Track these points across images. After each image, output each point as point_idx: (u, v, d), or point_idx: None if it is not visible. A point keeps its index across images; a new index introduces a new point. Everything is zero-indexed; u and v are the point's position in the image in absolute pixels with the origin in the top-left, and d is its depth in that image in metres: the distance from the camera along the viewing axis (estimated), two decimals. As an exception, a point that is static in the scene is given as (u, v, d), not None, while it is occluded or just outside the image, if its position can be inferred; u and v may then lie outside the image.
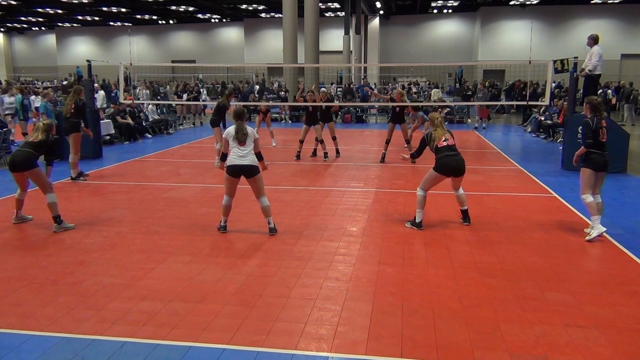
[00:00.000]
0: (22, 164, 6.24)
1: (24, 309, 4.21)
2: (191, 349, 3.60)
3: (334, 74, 32.05)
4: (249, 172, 6.01)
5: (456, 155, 6.35)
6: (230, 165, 6.01)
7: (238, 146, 6.00)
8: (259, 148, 6.15)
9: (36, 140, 6.36)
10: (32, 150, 6.30)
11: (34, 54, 48.57)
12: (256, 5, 35.93)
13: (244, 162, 5.97)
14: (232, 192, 6.17)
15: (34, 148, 6.33)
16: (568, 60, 10.34)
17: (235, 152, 6.00)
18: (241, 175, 6.04)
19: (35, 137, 6.39)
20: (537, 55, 18.20)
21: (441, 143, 6.34)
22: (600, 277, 4.89)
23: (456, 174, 6.37)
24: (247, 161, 5.98)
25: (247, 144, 6.02)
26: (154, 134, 16.29)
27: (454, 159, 6.30)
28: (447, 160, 6.28)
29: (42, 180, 6.37)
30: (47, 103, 11.55)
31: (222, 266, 5.14)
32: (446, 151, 6.30)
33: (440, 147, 6.34)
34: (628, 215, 7.11)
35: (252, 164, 6.01)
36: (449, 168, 6.29)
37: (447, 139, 6.38)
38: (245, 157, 5.99)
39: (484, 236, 6.11)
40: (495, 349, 3.59)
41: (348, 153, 12.43)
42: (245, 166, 5.97)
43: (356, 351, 3.57)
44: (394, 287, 4.62)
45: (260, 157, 6.13)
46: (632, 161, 10.46)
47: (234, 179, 6.07)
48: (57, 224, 6.26)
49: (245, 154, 6.00)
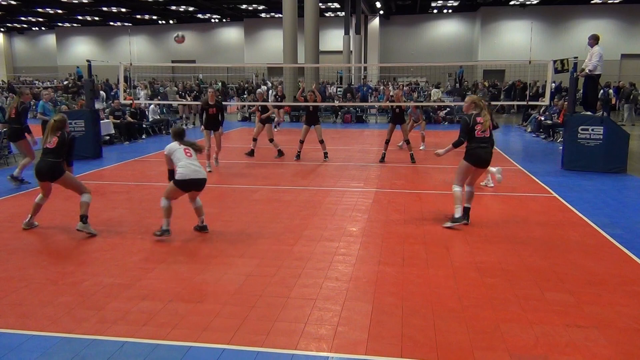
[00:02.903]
0: (49, 175, 6.06)
1: (24, 309, 4.21)
2: (191, 349, 3.60)
3: (334, 74, 32.03)
4: (202, 185, 6.00)
5: (487, 146, 6.28)
6: (188, 180, 5.84)
7: (188, 159, 5.88)
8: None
9: (53, 145, 6.07)
10: (53, 159, 6.06)
11: (34, 54, 48.55)
12: (256, 5, 35.93)
13: (199, 175, 5.92)
14: (175, 198, 6.02)
15: (54, 155, 6.07)
16: (568, 60, 10.34)
17: (188, 166, 5.85)
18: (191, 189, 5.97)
19: (50, 142, 6.09)
20: (537, 55, 18.19)
21: (479, 133, 6.24)
22: (600, 277, 4.89)
23: (483, 165, 6.36)
24: (202, 174, 5.96)
25: (194, 157, 5.99)
26: (154, 134, 16.30)
27: (485, 150, 6.25)
28: (478, 151, 6.23)
29: (74, 184, 6.27)
30: (46, 103, 11.55)
31: (222, 266, 5.14)
32: (480, 142, 6.23)
33: (476, 137, 6.24)
34: (628, 215, 7.11)
35: (205, 177, 6.02)
36: (478, 159, 6.26)
37: (485, 130, 6.25)
38: (200, 170, 5.95)
39: (484, 236, 6.11)
40: (495, 349, 3.59)
41: (348, 153, 12.43)
42: (201, 180, 5.95)
43: (356, 351, 3.56)
44: (394, 287, 4.62)
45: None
46: (632, 161, 10.46)
47: (183, 192, 5.97)
48: (82, 222, 6.04)
49: (199, 167, 5.95)
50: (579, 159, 10.09)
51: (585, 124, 10.07)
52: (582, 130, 10.06)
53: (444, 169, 10.54)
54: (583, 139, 10.06)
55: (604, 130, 9.93)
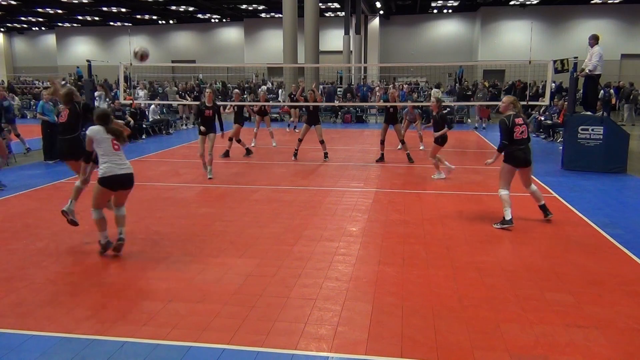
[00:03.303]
0: (70, 153, 5.84)
1: (24, 309, 4.21)
2: (191, 349, 3.60)
3: (334, 74, 32.04)
4: (129, 182, 5.33)
5: (525, 148, 6.39)
6: (112, 177, 5.18)
7: (114, 154, 5.22)
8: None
9: (64, 119, 5.78)
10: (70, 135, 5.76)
11: (34, 54, 48.55)
12: (256, 5, 35.93)
13: (125, 170, 5.28)
14: (105, 202, 5.39)
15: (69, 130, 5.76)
16: (568, 60, 10.34)
17: (112, 161, 5.21)
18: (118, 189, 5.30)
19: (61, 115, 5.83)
20: (537, 55, 18.14)
21: (517, 135, 6.31)
22: (600, 277, 4.89)
23: (524, 164, 6.43)
24: (127, 169, 5.31)
25: (120, 148, 5.30)
26: (154, 134, 16.29)
27: (523, 151, 6.37)
28: (517, 153, 6.35)
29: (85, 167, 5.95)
30: (46, 103, 11.54)
31: (222, 266, 5.14)
32: (518, 144, 6.33)
33: (515, 139, 6.32)
34: (628, 215, 7.11)
35: (132, 172, 5.31)
36: (518, 160, 6.37)
37: (523, 130, 6.34)
38: (126, 164, 5.31)
39: (484, 236, 6.11)
40: (495, 349, 3.59)
41: (348, 153, 12.43)
42: (127, 175, 5.29)
43: (356, 351, 3.56)
44: (394, 287, 4.62)
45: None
46: (632, 161, 10.46)
47: (111, 192, 5.30)
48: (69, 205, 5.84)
49: (125, 161, 5.32)
50: (579, 159, 10.09)
51: (585, 124, 10.07)
52: (582, 130, 10.06)
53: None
54: (583, 139, 10.06)
55: (604, 130, 9.94)
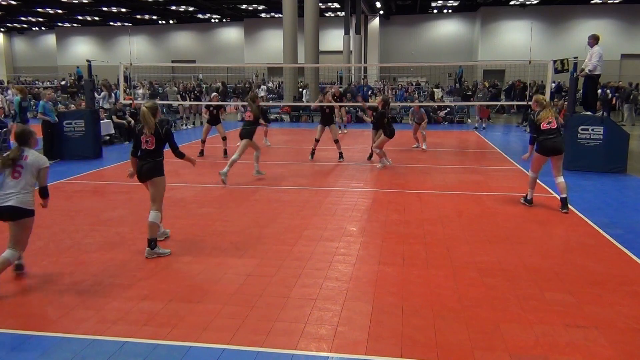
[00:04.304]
0: (148, 174, 5.41)
1: (24, 309, 4.21)
2: (191, 349, 3.60)
3: (334, 74, 32.05)
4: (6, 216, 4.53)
5: (555, 137, 7.00)
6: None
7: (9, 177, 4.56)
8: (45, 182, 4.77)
9: (152, 147, 5.34)
10: (155, 159, 5.38)
11: (34, 54, 48.59)
12: (256, 5, 35.94)
13: (6, 202, 4.47)
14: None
15: (156, 151, 5.35)
16: (568, 60, 10.34)
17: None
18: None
19: (150, 144, 5.33)
20: (537, 55, 18.20)
21: (544, 126, 7.00)
22: (600, 277, 4.89)
23: (554, 153, 7.04)
24: (11, 201, 4.46)
25: (22, 176, 4.56)
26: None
27: (552, 140, 6.98)
28: (546, 142, 7.00)
29: (161, 192, 5.54)
30: (47, 103, 11.55)
31: (222, 266, 5.14)
32: (546, 134, 6.99)
33: (543, 130, 7.01)
34: (628, 215, 7.11)
35: (16, 205, 4.46)
36: (546, 149, 7.01)
37: (551, 121, 7.00)
38: (10, 196, 4.48)
39: (484, 236, 6.11)
40: (495, 349, 3.59)
41: (348, 153, 12.42)
42: (5, 208, 4.46)
43: (356, 351, 3.56)
44: (394, 287, 4.62)
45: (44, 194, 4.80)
46: (632, 161, 10.46)
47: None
48: (149, 248, 5.38)
49: (9, 192, 4.50)
50: (579, 159, 10.09)
51: (585, 124, 10.07)
52: (582, 130, 10.06)
53: (444, 169, 10.56)
54: (583, 139, 10.06)
55: (604, 130, 9.93)
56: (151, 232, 5.38)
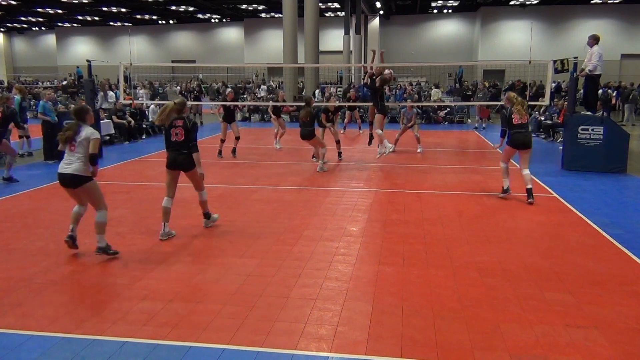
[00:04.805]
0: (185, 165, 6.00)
1: (24, 309, 4.20)
2: (191, 349, 3.60)
3: (334, 74, 32.03)
4: (69, 183, 5.23)
5: (525, 131, 7.62)
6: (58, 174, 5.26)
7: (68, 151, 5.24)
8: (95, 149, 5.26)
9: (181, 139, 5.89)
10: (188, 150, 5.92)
11: (34, 54, 48.57)
12: (256, 5, 35.94)
13: (65, 170, 5.19)
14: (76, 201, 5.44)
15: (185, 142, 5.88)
16: (568, 60, 10.34)
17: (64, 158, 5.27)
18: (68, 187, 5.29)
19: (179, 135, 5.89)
20: (537, 55, 18.18)
21: (516, 120, 7.55)
22: (600, 277, 4.89)
23: (523, 147, 7.63)
24: (69, 169, 5.17)
25: (77, 148, 5.18)
26: (154, 134, 16.29)
27: (523, 134, 7.58)
28: (517, 136, 7.56)
29: (198, 177, 6.15)
30: (47, 103, 11.55)
31: (222, 266, 5.14)
32: (518, 128, 7.56)
33: (515, 124, 7.56)
34: (628, 215, 7.11)
35: (73, 173, 5.16)
36: (517, 142, 7.59)
37: (522, 116, 7.56)
38: (67, 164, 5.19)
39: (484, 236, 6.11)
40: (495, 349, 3.59)
41: (348, 153, 12.42)
42: (66, 175, 5.19)
43: (356, 351, 3.56)
44: (394, 287, 4.62)
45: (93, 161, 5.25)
46: (632, 161, 10.46)
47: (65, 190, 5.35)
48: (206, 219, 6.41)
49: (69, 160, 5.20)
50: (579, 159, 10.09)
51: (585, 124, 10.07)
52: (582, 130, 10.06)
53: (444, 169, 10.55)
54: (583, 139, 10.06)
55: (604, 130, 9.93)
56: (203, 208, 6.37)
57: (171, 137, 5.99)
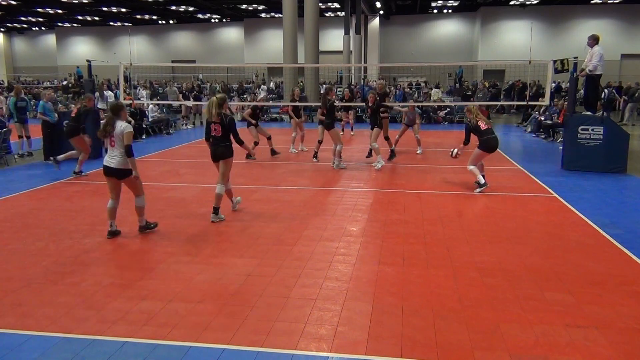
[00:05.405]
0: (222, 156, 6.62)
1: (24, 309, 4.21)
2: (191, 349, 3.60)
3: (334, 74, 32.03)
4: (115, 174, 5.96)
5: (494, 136, 8.30)
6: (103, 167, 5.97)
7: (109, 146, 5.94)
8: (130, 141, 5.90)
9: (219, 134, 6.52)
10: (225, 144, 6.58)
11: (34, 54, 48.55)
12: (256, 5, 35.93)
13: (110, 164, 5.92)
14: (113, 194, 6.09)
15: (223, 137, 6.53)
16: (568, 60, 10.34)
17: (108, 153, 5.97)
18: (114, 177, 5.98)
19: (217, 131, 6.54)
20: (537, 55, 18.19)
21: (483, 126, 8.22)
22: (600, 277, 4.89)
23: (494, 150, 8.37)
24: (113, 164, 5.91)
25: (116, 143, 5.88)
26: (154, 134, 16.29)
27: (493, 138, 8.27)
28: (490, 141, 8.23)
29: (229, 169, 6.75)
30: (47, 103, 11.55)
31: (222, 266, 5.14)
32: (488, 133, 8.22)
33: (484, 130, 8.20)
34: (628, 215, 7.10)
35: (117, 167, 5.91)
36: (491, 146, 8.25)
37: (488, 123, 8.25)
38: (111, 158, 5.92)
39: (484, 236, 6.11)
40: (495, 349, 3.59)
41: (348, 153, 12.42)
42: (111, 168, 5.94)
43: (356, 351, 3.57)
44: (394, 287, 4.62)
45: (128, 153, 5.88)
46: (632, 161, 10.46)
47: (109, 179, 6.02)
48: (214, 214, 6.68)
49: (112, 155, 5.92)
50: (579, 159, 10.09)
51: (585, 124, 10.07)
52: (582, 130, 10.06)
53: (444, 169, 10.55)
54: (583, 139, 10.06)
55: (604, 130, 9.94)
56: (216, 201, 6.63)
57: (211, 132, 6.63)
